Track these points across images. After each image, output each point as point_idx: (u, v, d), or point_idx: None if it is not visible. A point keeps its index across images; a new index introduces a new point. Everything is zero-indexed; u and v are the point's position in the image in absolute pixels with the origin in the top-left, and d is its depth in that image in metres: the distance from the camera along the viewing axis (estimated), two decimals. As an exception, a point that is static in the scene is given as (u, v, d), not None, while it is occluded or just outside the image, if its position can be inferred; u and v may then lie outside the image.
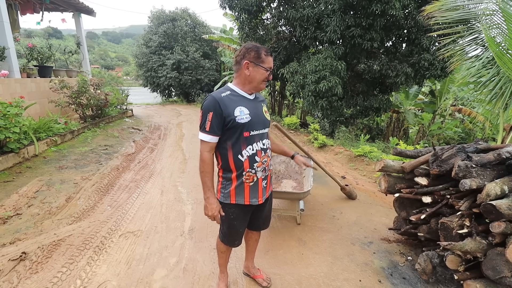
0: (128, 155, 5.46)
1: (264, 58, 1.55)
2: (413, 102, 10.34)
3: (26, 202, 3.35)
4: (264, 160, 1.65)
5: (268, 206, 1.91)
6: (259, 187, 1.68)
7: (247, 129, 1.56)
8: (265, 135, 1.68)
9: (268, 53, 1.57)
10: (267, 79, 1.59)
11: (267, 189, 1.76)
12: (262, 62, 1.55)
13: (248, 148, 1.59)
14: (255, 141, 1.61)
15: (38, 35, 31.24)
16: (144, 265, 2.34)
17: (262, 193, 1.71)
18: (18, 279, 2.15)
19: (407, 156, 2.49)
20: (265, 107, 1.73)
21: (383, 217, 3.23)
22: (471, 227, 1.81)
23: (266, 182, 1.73)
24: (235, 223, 1.74)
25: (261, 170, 1.66)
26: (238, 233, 1.80)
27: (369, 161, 5.10)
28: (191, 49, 14.88)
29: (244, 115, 1.55)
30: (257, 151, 1.62)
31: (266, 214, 1.93)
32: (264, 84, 1.61)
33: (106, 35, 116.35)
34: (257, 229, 1.98)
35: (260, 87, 1.62)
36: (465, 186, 1.79)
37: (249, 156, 1.59)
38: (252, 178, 1.64)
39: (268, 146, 1.71)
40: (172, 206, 3.43)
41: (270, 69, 1.58)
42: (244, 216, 1.76)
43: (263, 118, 1.66)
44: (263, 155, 1.65)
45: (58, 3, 8.13)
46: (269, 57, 1.57)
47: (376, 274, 2.26)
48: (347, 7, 6.55)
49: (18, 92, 5.82)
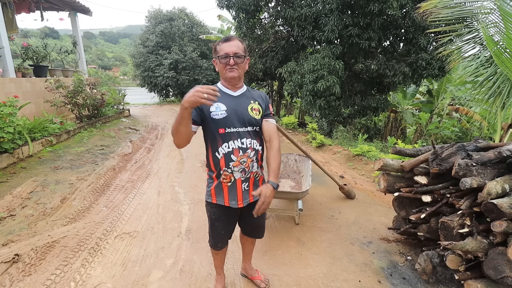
0: (124, 155, 5.40)
1: (218, 49, 1.53)
2: (410, 102, 10.36)
3: (20, 203, 3.29)
4: (242, 160, 1.55)
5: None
6: (238, 189, 1.60)
7: (222, 126, 1.52)
8: (246, 134, 1.56)
9: (222, 41, 1.53)
10: (229, 65, 1.50)
11: (250, 193, 1.65)
12: (217, 53, 1.53)
13: (224, 146, 1.53)
14: (231, 138, 1.53)
15: (34, 35, 30.99)
16: (140, 267, 2.30)
17: (242, 196, 1.62)
18: (10, 281, 2.10)
19: (406, 155, 2.47)
20: (254, 105, 1.61)
21: (382, 216, 3.21)
22: (472, 226, 1.78)
23: (247, 184, 1.63)
24: (216, 224, 1.70)
25: (239, 171, 1.57)
26: (220, 235, 1.75)
27: (368, 160, 5.09)
28: (188, 49, 14.82)
29: (219, 111, 1.52)
30: (234, 149, 1.54)
31: (257, 222, 1.82)
32: (230, 72, 1.52)
33: (103, 35, 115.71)
34: (249, 235, 1.92)
35: (228, 77, 1.54)
36: (466, 184, 1.76)
37: (224, 154, 1.54)
38: (229, 178, 1.58)
39: (251, 147, 1.57)
40: (169, 207, 3.38)
41: (226, 54, 1.49)
42: (226, 218, 1.70)
43: (242, 116, 1.55)
44: (241, 154, 1.55)
45: (54, 2, 8.04)
46: (223, 44, 1.52)
47: (376, 274, 2.24)
48: (345, 7, 6.54)
49: (13, 91, 5.74)
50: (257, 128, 1.62)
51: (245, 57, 1.55)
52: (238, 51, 1.51)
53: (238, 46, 1.52)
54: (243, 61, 1.55)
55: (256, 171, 1.65)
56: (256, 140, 1.61)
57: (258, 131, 1.64)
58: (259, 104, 1.64)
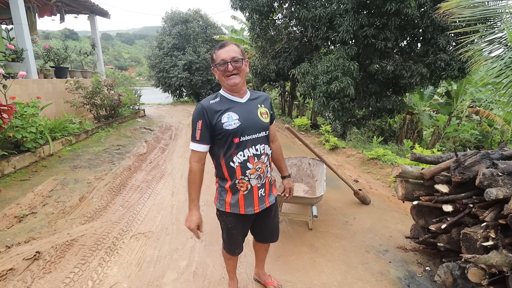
0: (140, 155, 5.51)
1: (215, 56, 1.49)
2: (428, 103, 10.05)
3: (41, 201, 3.41)
4: (258, 167, 1.55)
5: (274, 218, 1.80)
6: (255, 196, 1.59)
7: (237, 135, 1.48)
8: (259, 140, 1.55)
9: (218, 48, 1.49)
10: (228, 72, 1.46)
11: (266, 198, 1.65)
12: (214, 61, 1.49)
13: (239, 155, 1.50)
14: (246, 147, 1.51)
15: (55, 36, 32.21)
16: (154, 268, 2.33)
17: (258, 202, 1.61)
18: (31, 278, 2.17)
19: (426, 162, 2.39)
20: (262, 108, 1.59)
21: (399, 223, 3.12)
22: (497, 239, 1.70)
23: (263, 190, 1.62)
24: (233, 232, 1.69)
25: (256, 178, 1.56)
26: (238, 241, 1.75)
27: (383, 164, 4.97)
28: (202, 50, 15.01)
29: (232, 121, 1.47)
30: (249, 157, 1.52)
31: (272, 227, 1.82)
32: (229, 79, 1.47)
33: (120, 37, 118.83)
34: (263, 241, 1.90)
35: (228, 84, 1.49)
36: (491, 195, 1.69)
37: (240, 162, 1.51)
38: (246, 186, 1.56)
39: (264, 152, 1.57)
40: (183, 208, 3.42)
41: (223, 60, 1.44)
42: (242, 225, 1.70)
43: (256, 122, 1.54)
44: (257, 161, 1.54)
45: (74, 6, 8.31)
46: (218, 50, 1.47)
47: (392, 284, 2.18)
48: (361, 7, 6.42)
49: (35, 92, 5.97)
50: (267, 132, 1.61)
51: (243, 60, 1.49)
52: (235, 55, 1.45)
53: (234, 50, 1.46)
54: (242, 65, 1.48)
55: (269, 176, 1.66)
56: (267, 145, 1.62)
57: (267, 135, 1.62)
58: (265, 107, 1.62)
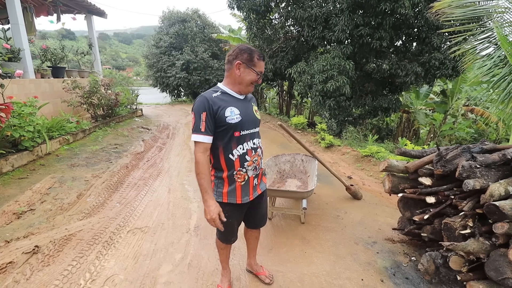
0: (137, 154, 5.58)
1: (256, 61, 1.57)
2: (424, 102, 10.15)
3: (39, 198, 3.48)
4: (254, 159, 1.68)
5: (264, 203, 1.95)
6: (250, 185, 1.72)
7: (238, 129, 1.58)
8: (255, 134, 1.70)
9: (261, 58, 1.59)
10: (256, 82, 1.62)
11: (258, 186, 1.80)
12: (254, 65, 1.57)
13: (238, 148, 1.61)
14: (245, 140, 1.63)
15: (52, 36, 32.14)
16: (150, 260, 2.41)
17: (253, 190, 1.75)
18: (31, 271, 2.25)
19: (411, 156, 2.48)
20: (255, 106, 1.76)
21: (388, 217, 3.21)
22: (474, 227, 1.79)
23: (257, 179, 1.77)
24: (230, 220, 1.77)
25: (252, 169, 1.69)
26: (233, 230, 1.84)
27: (376, 161, 5.06)
28: (200, 50, 15.03)
29: (234, 115, 1.56)
30: (248, 150, 1.64)
31: (262, 212, 1.96)
32: (252, 87, 1.64)
33: (117, 36, 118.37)
34: (255, 226, 2.02)
35: (248, 90, 1.64)
36: (469, 186, 1.77)
37: (239, 155, 1.62)
38: (244, 177, 1.67)
39: (259, 145, 1.73)
40: (179, 204, 3.50)
41: (261, 73, 1.61)
42: (238, 214, 1.80)
43: (253, 118, 1.68)
44: (254, 154, 1.67)
45: (71, 5, 8.35)
46: (261, 61, 1.59)
47: (379, 273, 2.26)
48: (356, 6, 6.50)
49: (33, 92, 6.02)
50: (258, 128, 1.77)
51: None
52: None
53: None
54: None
55: (262, 167, 1.82)
56: (260, 139, 1.77)
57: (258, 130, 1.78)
58: (255, 105, 1.79)
